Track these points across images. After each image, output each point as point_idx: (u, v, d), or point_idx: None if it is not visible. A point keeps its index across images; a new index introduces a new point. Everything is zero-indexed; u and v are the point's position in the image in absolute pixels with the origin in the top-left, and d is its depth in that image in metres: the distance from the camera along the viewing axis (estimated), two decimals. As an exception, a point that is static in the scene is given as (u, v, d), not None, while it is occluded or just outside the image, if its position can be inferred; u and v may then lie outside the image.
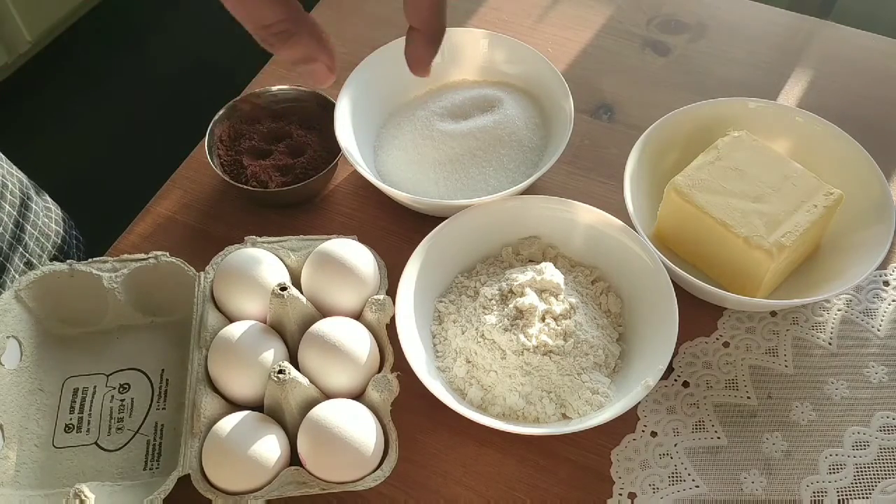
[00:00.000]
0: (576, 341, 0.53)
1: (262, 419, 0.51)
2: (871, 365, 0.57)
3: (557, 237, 0.60)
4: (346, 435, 0.48)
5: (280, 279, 0.55)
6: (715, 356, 0.57)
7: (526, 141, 0.64)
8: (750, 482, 0.52)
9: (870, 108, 0.71)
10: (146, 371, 0.57)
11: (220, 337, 0.53)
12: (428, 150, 0.64)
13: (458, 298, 0.58)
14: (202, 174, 0.69)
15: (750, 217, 0.55)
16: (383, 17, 0.79)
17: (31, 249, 0.68)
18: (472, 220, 0.59)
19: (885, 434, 0.54)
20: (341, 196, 0.67)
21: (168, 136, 1.12)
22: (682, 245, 0.60)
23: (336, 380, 0.52)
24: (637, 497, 0.52)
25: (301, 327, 0.54)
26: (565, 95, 0.64)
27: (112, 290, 0.57)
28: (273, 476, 0.49)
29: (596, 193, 0.66)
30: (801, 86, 0.73)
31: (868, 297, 0.60)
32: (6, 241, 0.65)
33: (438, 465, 0.54)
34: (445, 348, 0.56)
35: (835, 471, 0.53)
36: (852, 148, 0.60)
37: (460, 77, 0.70)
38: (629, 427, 0.54)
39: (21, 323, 0.56)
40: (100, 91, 1.72)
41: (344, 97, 0.65)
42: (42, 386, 0.56)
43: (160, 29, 1.87)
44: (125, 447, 0.54)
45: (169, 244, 0.64)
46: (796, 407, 0.55)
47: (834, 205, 0.56)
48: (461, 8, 0.79)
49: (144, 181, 0.77)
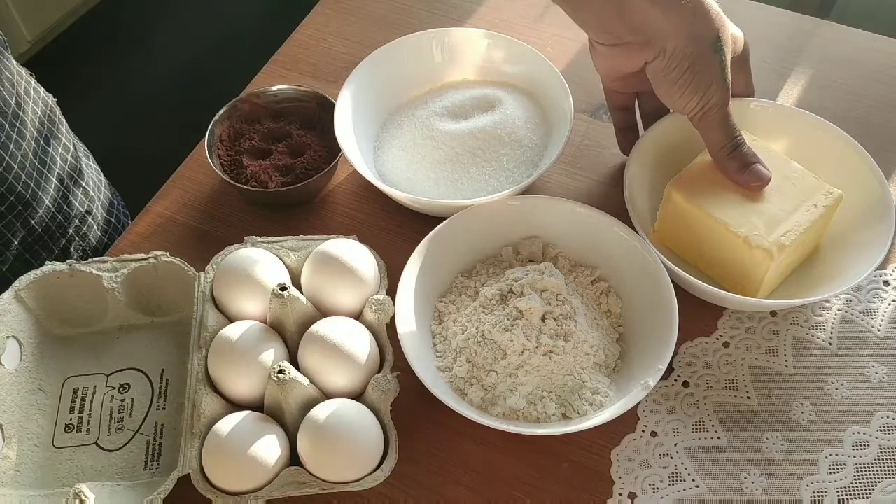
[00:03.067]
0: (576, 341, 0.53)
1: (262, 419, 0.51)
2: (871, 365, 0.57)
3: (557, 237, 0.60)
4: (346, 435, 0.48)
5: (280, 279, 0.55)
6: (715, 356, 0.57)
7: (526, 141, 0.64)
8: (750, 482, 0.52)
9: (870, 108, 0.71)
10: (146, 371, 0.57)
11: (220, 337, 0.53)
12: (428, 150, 0.64)
13: (458, 298, 0.58)
14: (202, 174, 0.69)
15: (749, 217, 0.55)
16: (383, 17, 0.79)
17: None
18: (472, 220, 0.59)
19: (885, 434, 0.54)
20: (341, 196, 0.67)
21: (168, 136, 1.12)
22: (682, 245, 0.60)
23: (336, 380, 0.52)
24: (637, 497, 0.52)
25: (301, 327, 0.54)
26: (565, 95, 0.64)
27: (112, 290, 0.57)
28: (273, 476, 0.49)
29: (595, 193, 0.66)
30: (801, 86, 0.73)
31: (868, 297, 0.60)
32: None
33: (438, 465, 0.54)
34: (446, 348, 0.56)
35: (835, 471, 0.53)
36: (852, 148, 0.60)
37: (460, 77, 0.70)
38: (629, 427, 0.54)
39: (21, 323, 0.56)
40: (99, 91, 1.72)
41: (344, 97, 0.65)
42: (42, 386, 0.56)
43: (160, 29, 1.87)
44: (125, 447, 0.54)
45: (169, 244, 0.64)
46: (796, 407, 0.55)
47: (834, 204, 0.56)
48: (461, 8, 0.79)
49: (144, 181, 0.77)
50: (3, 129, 0.63)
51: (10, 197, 0.64)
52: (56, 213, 0.70)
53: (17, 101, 0.65)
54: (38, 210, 0.67)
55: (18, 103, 0.65)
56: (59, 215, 0.70)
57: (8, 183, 0.64)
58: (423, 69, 0.69)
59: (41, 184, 0.68)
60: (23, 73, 0.68)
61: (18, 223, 0.66)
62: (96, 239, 0.75)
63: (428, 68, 0.69)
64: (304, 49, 0.78)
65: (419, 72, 0.69)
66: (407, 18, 0.78)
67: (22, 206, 0.66)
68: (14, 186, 0.64)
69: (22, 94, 0.66)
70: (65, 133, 0.73)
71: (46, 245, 0.70)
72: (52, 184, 0.69)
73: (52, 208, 0.69)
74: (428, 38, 0.69)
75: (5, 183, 0.63)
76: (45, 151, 0.68)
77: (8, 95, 0.64)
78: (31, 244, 0.68)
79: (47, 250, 0.70)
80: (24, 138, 0.65)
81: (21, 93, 0.66)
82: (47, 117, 0.70)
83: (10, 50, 0.66)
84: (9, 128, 0.63)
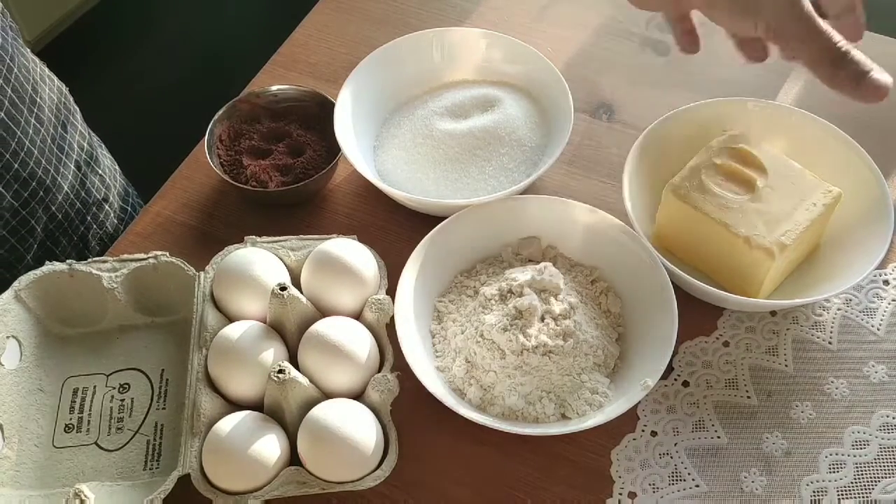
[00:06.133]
0: (575, 341, 0.53)
1: (262, 419, 0.51)
2: (870, 364, 0.57)
3: (557, 237, 0.60)
4: (346, 435, 0.48)
5: (280, 279, 0.55)
6: (715, 355, 0.57)
7: (526, 140, 0.64)
8: (750, 481, 0.52)
9: (870, 108, 0.70)
10: (146, 371, 0.57)
11: (220, 337, 0.53)
12: (427, 150, 0.64)
13: (457, 298, 0.58)
14: (202, 174, 0.69)
15: (749, 216, 0.55)
16: (383, 17, 0.79)
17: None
18: (472, 220, 0.59)
19: (884, 433, 0.54)
20: (341, 196, 0.67)
21: (168, 136, 1.12)
22: (682, 246, 0.60)
23: (336, 380, 0.52)
24: (637, 496, 0.52)
25: (301, 327, 0.54)
26: (565, 95, 0.64)
27: (112, 290, 0.57)
28: (273, 476, 0.49)
29: (595, 193, 0.66)
30: (800, 86, 0.72)
31: (868, 297, 0.60)
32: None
33: (438, 465, 0.54)
34: (445, 348, 0.56)
35: (835, 470, 0.53)
36: (852, 148, 0.60)
37: (460, 76, 0.70)
38: (629, 427, 0.54)
39: (21, 323, 0.56)
40: (99, 91, 1.72)
41: (343, 97, 0.65)
42: (42, 386, 0.56)
43: (160, 29, 1.87)
44: (125, 447, 0.54)
45: (169, 244, 0.64)
46: (796, 406, 0.55)
47: (833, 203, 0.56)
48: (461, 7, 0.79)
49: (144, 181, 0.77)
50: (23, 115, 0.63)
51: (31, 182, 0.65)
52: (75, 199, 0.70)
53: (33, 86, 0.65)
54: (57, 196, 0.68)
55: (35, 89, 0.66)
56: (78, 202, 0.71)
57: (29, 168, 0.64)
58: (423, 69, 0.69)
59: (60, 169, 0.68)
60: (37, 61, 0.68)
61: (41, 209, 0.67)
62: (113, 227, 0.76)
63: (427, 68, 0.69)
64: (304, 49, 0.78)
65: (419, 71, 0.69)
66: (407, 18, 0.78)
67: (43, 191, 0.67)
68: (35, 171, 0.65)
69: (38, 80, 0.67)
70: (80, 120, 0.74)
71: (66, 232, 0.70)
72: (70, 170, 0.70)
73: (70, 194, 0.70)
74: (427, 38, 0.69)
75: (27, 168, 0.64)
76: (62, 138, 0.69)
77: (24, 81, 0.64)
78: (53, 231, 0.69)
79: (67, 237, 0.71)
80: (42, 124, 0.66)
81: (37, 79, 0.67)
82: (62, 104, 0.71)
83: (21, 38, 0.67)
84: (27, 113, 0.64)
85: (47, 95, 0.68)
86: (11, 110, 0.62)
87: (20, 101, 0.63)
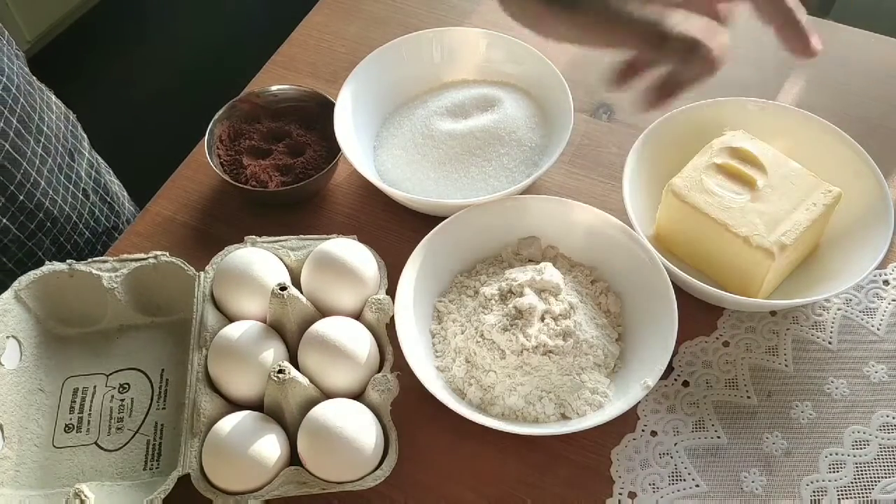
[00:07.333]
0: (575, 341, 0.53)
1: (262, 419, 0.51)
2: (870, 364, 0.57)
3: (557, 237, 0.60)
4: (346, 435, 0.48)
5: (280, 279, 0.55)
6: (715, 355, 0.57)
7: (526, 140, 0.64)
8: (750, 481, 0.52)
9: (870, 108, 0.71)
10: (146, 371, 0.57)
11: (220, 337, 0.53)
12: (428, 150, 0.64)
13: (457, 298, 0.58)
14: (202, 174, 0.69)
15: (749, 216, 0.55)
16: (383, 17, 0.79)
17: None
18: (472, 220, 0.59)
19: (884, 433, 0.54)
20: (341, 196, 0.67)
21: (168, 136, 1.12)
22: (682, 246, 0.60)
23: (336, 380, 0.52)
24: (637, 496, 0.52)
25: (301, 327, 0.54)
26: (565, 95, 0.64)
27: (112, 290, 0.57)
28: (273, 476, 0.49)
29: (595, 193, 0.66)
30: (800, 86, 0.72)
31: (868, 297, 0.60)
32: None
33: (438, 465, 0.54)
34: (445, 348, 0.56)
35: (835, 470, 0.53)
36: (851, 148, 0.60)
37: (460, 76, 0.70)
38: (629, 427, 0.54)
39: (21, 323, 0.56)
40: (99, 91, 1.72)
41: (343, 97, 0.65)
42: (42, 386, 0.56)
43: (159, 29, 1.87)
44: (125, 447, 0.54)
45: (169, 244, 0.64)
46: (796, 406, 0.55)
47: (833, 202, 0.56)
48: (461, 8, 0.79)
49: (144, 181, 0.77)
50: (29, 145, 0.62)
51: (38, 213, 0.64)
52: (84, 229, 0.70)
53: (39, 115, 0.64)
54: (66, 226, 0.67)
55: (42, 118, 0.65)
56: (87, 231, 0.70)
57: (36, 199, 0.63)
58: (423, 69, 0.69)
59: (68, 200, 0.67)
60: (43, 88, 0.68)
61: (48, 241, 0.66)
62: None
63: (427, 68, 0.69)
64: (304, 49, 0.78)
65: (419, 71, 0.69)
66: (407, 18, 0.78)
67: (50, 222, 0.66)
68: (42, 202, 0.64)
69: (44, 108, 0.66)
70: (88, 148, 0.73)
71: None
72: (79, 199, 0.69)
73: (79, 224, 0.69)
74: (427, 37, 0.69)
75: (33, 199, 0.63)
76: (69, 167, 0.68)
77: (31, 110, 0.63)
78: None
79: None
80: (50, 153, 0.65)
81: (43, 107, 0.66)
82: (70, 132, 0.70)
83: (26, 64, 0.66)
84: (34, 143, 0.63)
85: (54, 124, 0.67)
86: (17, 140, 0.61)
87: (26, 130, 0.63)
